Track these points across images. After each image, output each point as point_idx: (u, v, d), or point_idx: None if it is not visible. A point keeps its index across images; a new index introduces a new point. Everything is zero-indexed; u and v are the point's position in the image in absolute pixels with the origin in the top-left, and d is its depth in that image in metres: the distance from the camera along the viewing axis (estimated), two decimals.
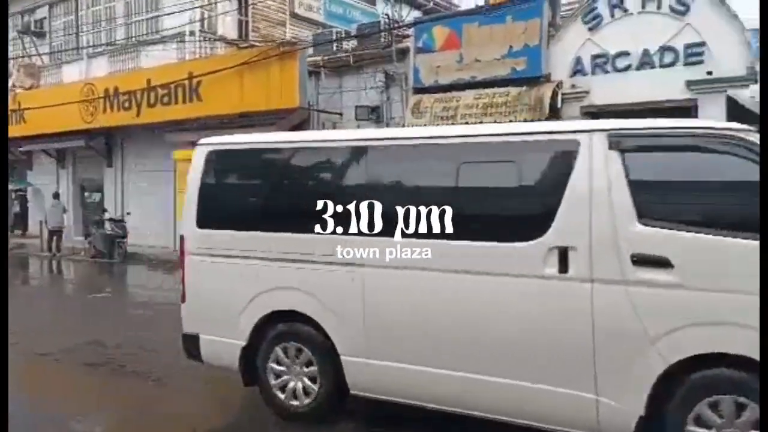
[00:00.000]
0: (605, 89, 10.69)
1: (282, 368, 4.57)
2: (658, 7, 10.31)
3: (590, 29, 10.93)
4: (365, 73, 13.69)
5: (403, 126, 12.75)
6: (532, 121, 10.25)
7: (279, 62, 13.47)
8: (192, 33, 16.12)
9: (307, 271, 4.36)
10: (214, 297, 4.76)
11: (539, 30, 11.26)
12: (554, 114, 10.78)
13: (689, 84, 10.05)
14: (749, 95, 10.93)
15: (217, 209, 4.81)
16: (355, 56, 13.81)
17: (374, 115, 13.32)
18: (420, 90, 12.48)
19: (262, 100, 13.64)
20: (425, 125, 12.07)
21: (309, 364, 4.46)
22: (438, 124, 11.84)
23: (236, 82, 13.94)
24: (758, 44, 17.00)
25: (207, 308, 4.81)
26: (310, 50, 14.29)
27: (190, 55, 16.10)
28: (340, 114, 13.93)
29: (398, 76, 13.19)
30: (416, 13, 18.61)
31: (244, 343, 4.61)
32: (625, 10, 10.61)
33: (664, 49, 10.27)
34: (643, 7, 10.45)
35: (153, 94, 15.49)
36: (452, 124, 11.55)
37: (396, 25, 13.79)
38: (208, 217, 4.80)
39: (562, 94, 11.06)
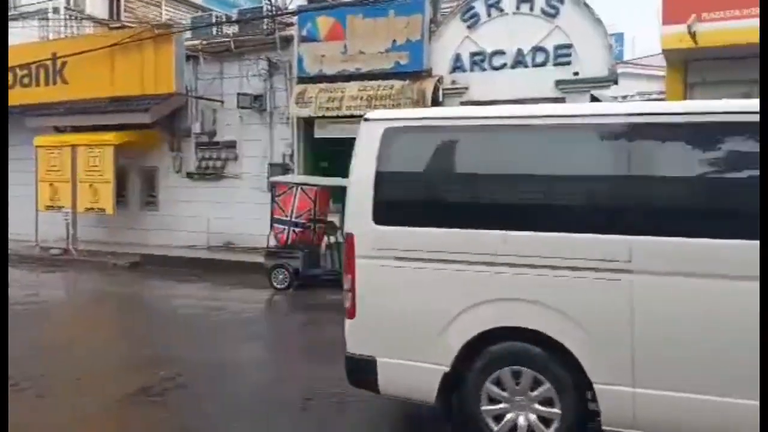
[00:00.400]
0: (483, 86, 11.13)
1: (504, 393, 3.71)
2: (531, 9, 10.90)
3: (469, 27, 11.35)
4: (247, 60, 13.34)
5: (288, 116, 12.67)
6: None
7: (154, 45, 12.88)
8: (56, 10, 15.12)
9: (546, 279, 3.55)
10: (402, 311, 3.90)
11: (421, 25, 11.52)
12: None
13: (558, 83, 10.73)
14: (610, 95, 11.88)
15: (406, 201, 3.98)
16: (237, 42, 13.41)
17: (257, 103, 13.07)
18: (304, 79, 12.38)
19: (135, 85, 13.03)
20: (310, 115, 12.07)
21: (547, 402, 3.61)
22: (324, 115, 11.86)
23: (107, 64, 13.21)
24: (620, 48, 18.54)
25: (389, 325, 3.94)
26: (188, 34, 13.73)
27: (54, 34, 15.11)
28: (221, 101, 13.53)
29: (282, 64, 12.99)
30: (300, 1, 18.36)
31: (446, 369, 3.76)
32: (501, 10, 11.11)
33: (536, 49, 10.89)
34: (518, 8, 10.99)
35: (11, 75, 14.38)
36: (337, 115, 11.62)
37: (279, 12, 13.54)
38: (391, 211, 3.90)
39: (443, 89, 11.41)
